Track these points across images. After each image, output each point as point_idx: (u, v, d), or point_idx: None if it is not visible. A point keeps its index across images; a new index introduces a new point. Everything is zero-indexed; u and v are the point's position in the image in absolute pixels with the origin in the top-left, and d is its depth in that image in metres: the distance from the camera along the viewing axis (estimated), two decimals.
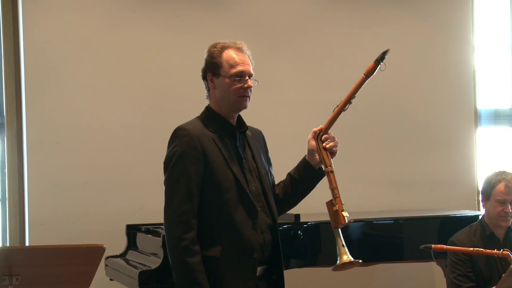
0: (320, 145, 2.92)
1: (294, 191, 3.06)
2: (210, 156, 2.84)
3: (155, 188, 4.90)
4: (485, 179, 3.90)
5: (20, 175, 4.79)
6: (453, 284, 3.80)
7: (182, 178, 2.82)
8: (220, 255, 2.81)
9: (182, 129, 2.88)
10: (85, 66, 4.88)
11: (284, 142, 4.74)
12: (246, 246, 2.84)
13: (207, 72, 2.94)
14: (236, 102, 2.90)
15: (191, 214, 2.80)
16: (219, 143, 2.88)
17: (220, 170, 2.85)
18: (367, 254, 4.35)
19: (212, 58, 2.92)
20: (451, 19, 5.66)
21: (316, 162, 2.96)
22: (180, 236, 2.77)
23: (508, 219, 3.80)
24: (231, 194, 2.85)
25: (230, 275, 2.82)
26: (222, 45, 2.93)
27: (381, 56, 2.81)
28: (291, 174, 3.07)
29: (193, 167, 2.82)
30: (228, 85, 2.88)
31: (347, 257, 2.74)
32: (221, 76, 2.89)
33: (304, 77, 5.32)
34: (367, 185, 5.34)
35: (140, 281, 3.71)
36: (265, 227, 2.91)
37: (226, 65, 2.89)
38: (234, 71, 2.88)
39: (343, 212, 2.78)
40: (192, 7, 5.10)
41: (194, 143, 2.83)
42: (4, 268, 2.92)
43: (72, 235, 4.69)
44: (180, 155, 2.83)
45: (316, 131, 2.96)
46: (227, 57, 2.89)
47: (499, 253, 3.23)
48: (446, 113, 5.62)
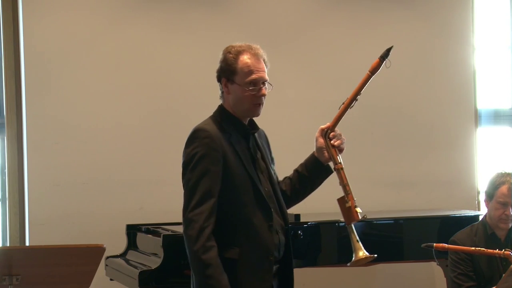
0: (328, 142, 2.93)
1: (302, 187, 3.06)
2: (229, 157, 2.83)
3: (155, 188, 4.95)
4: (489, 180, 3.89)
5: (20, 175, 4.79)
6: (454, 283, 3.80)
7: (203, 179, 2.79)
8: (239, 257, 2.81)
9: (203, 130, 2.84)
10: (85, 66, 4.87)
11: (284, 142, 4.74)
12: (263, 248, 2.85)
13: (222, 77, 2.92)
14: (249, 110, 2.90)
15: (209, 213, 2.77)
16: (235, 144, 2.87)
17: (238, 171, 2.84)
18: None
19: (227, 64, 2.87)
20: (451, 19, 5.66)
21: (325, 159, 2.98)
22: (200, 235, 2.74)
23: (508, 222, 3.80)
24: (248, 196, 2.84)
25: (248, 277, 2.82)
26: (237, 49, 2.88)
27: (385, 52, 2.83)
28: (298, 171, 3.07)
29: (214, 168, 2.79)
30: (242, 93, 2.86)
31: (362, 252, 2.78)
32: (235, 84, 2.87)
33: (304, 77, 5.32)
34: (367, 185, 5.33)
35: (140, 281, 3.70)
36: (278, 228, 2.92)
37: (241, 72, 2.85)
38: (248, 79, 2.85)
39: (356, 208, 2.80)
40: (192, 7, 5.10)
41: (215, 145, 2.81)
42: (4, 268, 2.93)
43: (72, 235, 4.69)
44: (202, 156, 2.79)
45: (323, 128, 2.96)
46: (242, 64, 2.85)
47: (500, 253, 3.22)
48: (446, 113, 5.62)
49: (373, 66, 2.84)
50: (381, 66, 2.82)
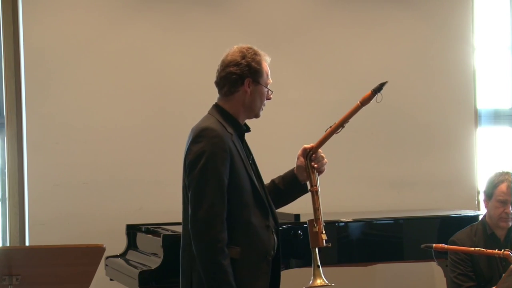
0: (308, 163, 2.97)
1: (276, 199, 3.06)
2: (235, 158, 2.84)
3: (155, 188, 4.95)
4: (488, 179, 3.90)
5: (20, 175, 4.79)
6: (454, 283, 3.80)
7: (214, 179, 2.78)
8: (239, 257, 2.81)
9: (211, 129, 2.83)
10: (85, 66, 4.88)
11: (284, 141, 4.74)
12: (262, 248, 2.87)
13: (246, 77, 2.92)
14: (259, 111, 2.98)
15: (223, 216, 2.78)
16: (237, 144, 2.89)
17: (241, 172, 2.85)
18: (367, 254, 4.36)
19: (256, 64, 2.93)
20: (451, 19, 5.66)
21: (303, 178, 3.02)
22: (216, 237, 2.74)
23: (508, 221, 3.80)
24: (249, 196, 2.86)
25: (247, 276, 2.83)
26: (260, 52, 2.96)
27: (378, 87, 2.84)
28: (275, 182, 3.10)
29: (222, 168, 2.79)
30: (263, 95, 2.94)
31: (320, 280, 2.79)
32: (259, 85, 2.93)
33: (304, 77, 5.32)
34: (367, 185, 5.34)
35: (140, 281, 3.71)
36: (273, 228, 2.94)
37: (265, 75, 2.94)
38: (269, 82, 2.97)
39: (322, 234, 2.83)
40: (192, 7, 5.10)
41: (223, 145, 2.81)
42: (4, 268, 2.93)
43: (72, 235, 4.69)
44: (211, 156, 2.78)
45: (306, 148, 2.99)
46: (265, 67, 2.95)
47: (500, 253, 3.23)
48: (446, 113, 5.62)
49: (364, 98, 2.86)
50: (372, 99, 2.84)
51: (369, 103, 2.86)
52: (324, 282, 2.78)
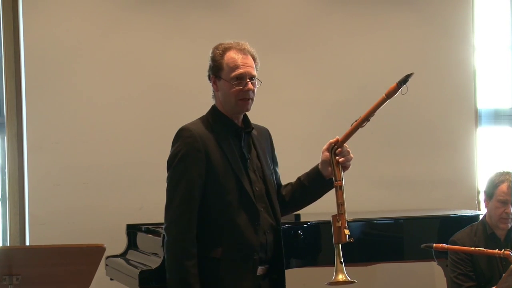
0: (333, 158, 2.91)
1: (301, 197, 3.06)
2: (213, 157, 2.84)
3: (156, 188, 4.90)
4: (488, 179, 3.90)
5: (20, 175, 4.79)
6: (454, 283, 3.80)
7: (183, 179, 2.82)
8: (221, 256, 2.82)
9: (186, 130, 2.87)
10: (85, 66, 4.88)
11: (284, 141, 4.72)
12: (246, 248, 2.85)
13: (211, 75, 2.95)
14: (237, 105, 2.90)
15: (191, 215, 2.80)
16: (223, 144, 2.88)
17: (222, 171, 2.85)
18: (367, 254, 4.36)
19: (214, 60, 2.92)
20: (451, 19, 5.66)
21: (328, 173, 2.96)
22: (178, 237, 2.78)
23: (508, 221, 3.80)
24: (233, 196, 2.85)
25: (230, 276, 2.83)
26: (224, 46, 2.92)
27: (404, 78, 2.71)
28: (301, 179, 3.07)
29: (195, 168, 2.82)
30: (228, 88, 2.88)
31: (342, 276, 2.72)
32: (222, 79, 2.90)
33: (304, 77, 5.31)
34: (367, 185, 5.33)
35: (140, 280, 3.70)
36: (267, 228, 2.92)
37: (226, 68, 2.88)
38: (234, 74, 2.87)
39: (345, 229, 2.75)
40: (192, 8, 5.10)
41: (197, 144, 2.83)
42: (4, 268, 2.92)
43: (72, 234, 4.69)
44: (183, 156, 2.83)
45: (332, 142, 2.94)
46: (228, 60, 2.88)
47: (500, 253, 3.22)
48: (446, 113, 5.62)
49: (389, 90, 2.75)
50: (398, 91, 2.73)
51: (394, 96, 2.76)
52: (346, 278, 2.72)
